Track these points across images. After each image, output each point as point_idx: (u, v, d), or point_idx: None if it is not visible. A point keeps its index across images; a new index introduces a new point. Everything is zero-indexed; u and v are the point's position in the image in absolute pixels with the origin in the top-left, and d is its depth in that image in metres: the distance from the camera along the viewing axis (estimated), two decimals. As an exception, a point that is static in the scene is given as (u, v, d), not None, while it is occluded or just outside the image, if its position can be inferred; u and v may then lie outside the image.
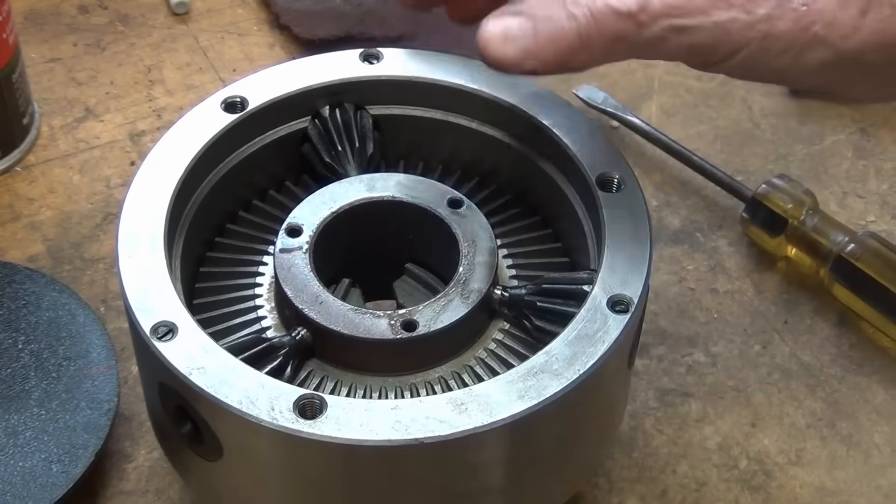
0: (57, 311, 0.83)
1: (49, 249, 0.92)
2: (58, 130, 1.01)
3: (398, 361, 0.69)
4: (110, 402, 0.78)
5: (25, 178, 0.97)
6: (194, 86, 1.04)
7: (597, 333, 0.65)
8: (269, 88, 0.77)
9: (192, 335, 0.65)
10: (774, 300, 0.91)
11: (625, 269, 0.68)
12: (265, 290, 0.74)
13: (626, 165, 0.73)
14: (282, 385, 0.63)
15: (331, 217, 0.73)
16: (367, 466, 0.63)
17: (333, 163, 0.78)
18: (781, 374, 0.86)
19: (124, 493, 0.79)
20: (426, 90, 0.79)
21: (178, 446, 0.69)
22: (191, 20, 1.10)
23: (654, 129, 0.98)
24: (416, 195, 0.75)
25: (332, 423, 0.61)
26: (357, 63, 0.79)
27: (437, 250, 0.74)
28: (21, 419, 0.78)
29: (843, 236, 0.89)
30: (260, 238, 0.77)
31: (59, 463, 0.76)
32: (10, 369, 0.80)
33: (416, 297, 0.73)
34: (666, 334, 0.88)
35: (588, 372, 0.64)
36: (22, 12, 1.08)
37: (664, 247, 0.94)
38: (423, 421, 0.61)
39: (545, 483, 0.68)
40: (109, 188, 0.97)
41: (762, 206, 0.91)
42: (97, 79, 1.05)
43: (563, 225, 0.77)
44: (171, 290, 0.67)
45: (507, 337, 0.72)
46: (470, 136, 0.79)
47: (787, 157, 1.00)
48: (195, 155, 0.73)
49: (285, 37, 1.08)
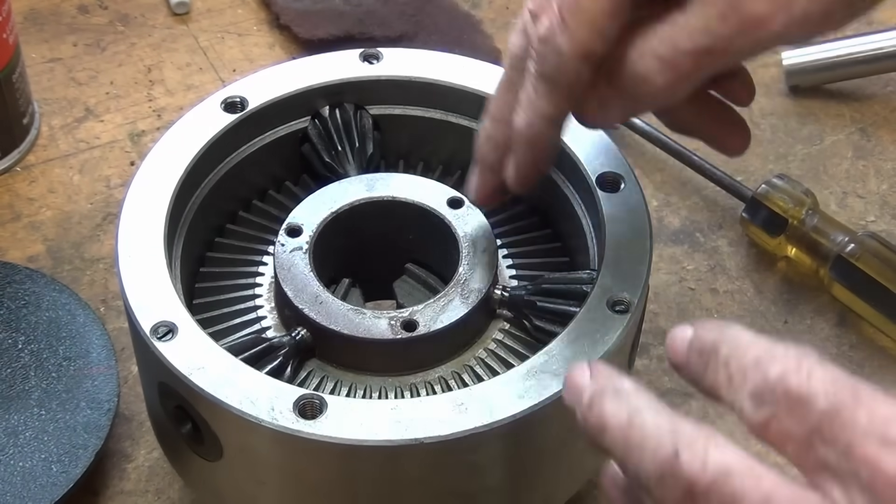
0: (57, 311, 0.83)
1: (49, 249, 0.92)
2: (58, 130, 1.01)
3: (398, 361, 0.69)
4: (110, 402, 0.78)
5: (25, 178, 0.97)
6: (194, 86, 1.04)
7: (597, 333, 0.65)
8: (269, 88, 0.77)
9: (192, 335, 0.65)
10: (774, 300, 0.91)
11: (625, 269, 0.68)
12: (265, 291, 0.74)
13: (626, 165, 0.73)
14: (282, 385, 0.63)
15: (331, 217, 0.73)
16: (367, 466, 0.63)
17: (333, 163, 0.78)
18: (781, 374, 0.86)
19: (124, 493, 0.79)
20: (426, 90, 0.79)
21: (178, 446, 0.69)
22: (191, 20, 1.10)
23: (654, 129, 0.98)
24: (416, 195, 0.75)
25: (332, 423, 0.61)
26: (357, 63, 0.79)
27: (437, 250, 0.74)
28: (21, 419, 0.78)
29: (843, 236, 0.89)
30: (260, 238, 0.77)
31: (59, 463, 0.76)
32: (10, 369, 0.80)
33: (416, 297, 0.73)
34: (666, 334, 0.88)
35: (588, 372, 0.63)
36: (22, 12, 1.08)
37: (664, 247, 0.94)
38: (423, 421, 0.61)
39: (545, 483, 0.68)
40: (109, 188, 0.97)
41: (762, 206, 0.91)
42: (97, 79, 1.05)
43: (563, 225, 0.77)
44: (171, 290, 0.67)
45: (507, 337, 0.72)
46: (470, 136, 0.79)
47: (787, 157, 1.00)
48: (195, 155, 0.74)
49: (285, 37, 1.08)
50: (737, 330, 0.52)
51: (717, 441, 0.48)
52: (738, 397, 0.49)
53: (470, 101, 0.78)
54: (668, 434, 0.49)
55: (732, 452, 0.48)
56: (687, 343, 0.54)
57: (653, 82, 0.60)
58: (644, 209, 0.71)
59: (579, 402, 0.54)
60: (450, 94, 0.78)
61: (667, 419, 0.50)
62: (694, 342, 0.53)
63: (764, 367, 0.49)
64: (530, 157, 0.66)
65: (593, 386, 0.54)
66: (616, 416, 0.52)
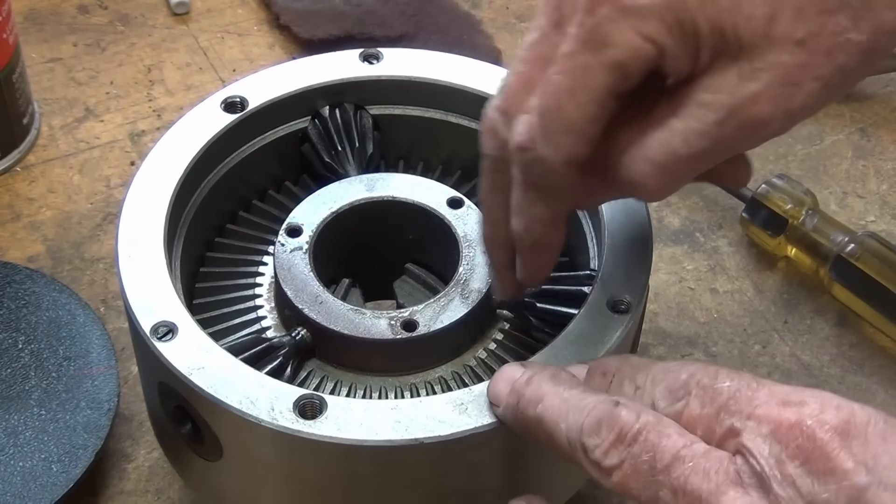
0: (57, 311, 0.83)
1: (49, 249, 0.92)
2: (58, 130, 1.01)
3: (398, 361, 0.69)
4: (110, 402, 0.78)
5: (25, 178, 0.97)
6: (194, 86, 1.04)
7: (597, 333, 0.65)
8: (269, 88, 0.77)
9: (192, 335, 0.65)
10: (774, 300, 0.91)
11: (625, 270, 0.68)
12: (265, 291, 0.74)
13: (626, 165, 0.73)
14: (282, 385, 0.63)
15: (330, 217, 0.73)
16: (367, 466, 0.63)
17: (333, 163, 0.78)
18: (781, 374, 0.86)
19: (124, 493, 0.79)
20: (426, 90, 0.79)
21: (178, 446, 0.69)
22: (191, 20, 1.10)
23: (654, 129, 0.98)
24: (416, 195, 0.75)
25: (332, 423, 0.61)
26: (357, 63, 0.79)
27: (437, 250, 0.74)
28: (21, 419, 0.78)
29: (842, 236, 0.89)
30: (260, 238, 0.77)
31: (59, 463, 0.76)
32: (10, 369, 0.80)
33: (416, 297, 0.73)
34: (666, 334, 0.88)
35: (588, 372, 0.63)
36: (22, 12, 1.08)
37: (664, 247, 0.94)
38: (423, 421, 0.61)
39: (545, 483, 0.68)
40: (109, 188, 0.97)
41: (762, 206, 0.91)
42: (97, 79, 1.05)
43: (563, 225, 0.77)
44: (171, 290, 0.67)
45: (507, 337, 0.72)
46: (470, 136, 0.79)
47: (787, 157, 1.00)
48: (195, 155, 0.73)
49: (285, 37, 1.08)
50: (636, 356, 0.60)
51: (650, 408, 0.55)
52: (649, 397, 0.55)
53: (470, 101, 0.78)
54: (604, 396, 0.56)
55: (663, 417, 0.54)
56: (585, 370, 0.60)
57: (647, 185, 0.58)
58: (644, 209, 0.71)
59: (516, 382, 0.60)
60: (450, 94, 0.78)
61: (600, 392, 0.57)
62: (595, 367, 0.60)
63: (674, 372, 0.55)
64: (538, 258, 0.65)
65: (529, 372, 0.60)
66: (554, 388, 0.58)
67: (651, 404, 0.55)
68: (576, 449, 0.55)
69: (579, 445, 0.55)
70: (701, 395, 0.53)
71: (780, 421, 0.51)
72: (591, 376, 0.60)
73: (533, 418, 0.58)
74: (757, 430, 0.51)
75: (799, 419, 0.50)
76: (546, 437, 0.57)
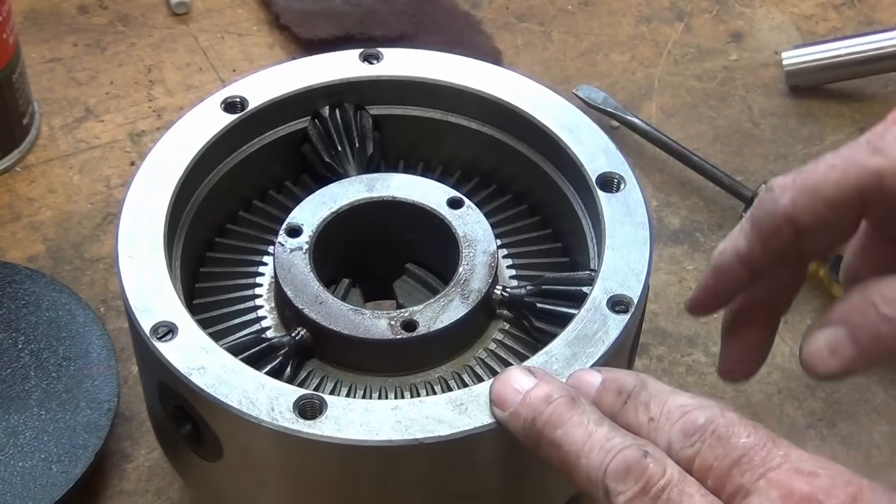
0: (57, 311, 0.83)
1: (49, 249, 0.92)
2: (58, 130, 1.01)
3: (398, 361, 0.69)
4: (110, 402, 0.78)
5: (25, 178, 0.97)
6: (194, 86, 1.04)
7: (597, 333, 0.65)
8: (269, 88, 0.77)
9: (192, 335, 0.65)
10: (774, 300, 0.91)
11: (625, 269, 0.68)
12: (265, 291, 0.74)
13: (626, 165, 0.73)
14: (282, 385, 0.63)
15: (331, 217, 0.73)
16: (366, 467, 0.63)
17: (333, 163, 0.78)
18: (781, 374, 0.86)
19: (124, 493, 0.79)
20: (426, 90, 0.79)
21: (178, 446, 0.69)
22: (191, 20, 1.10)
23: (654, 129, 0.98)
24: (416, 195, 0.75)
25: (332, 424, 0.61)
26: (357, 63, 0.79)
27: (437, 250, 0.74)
28: (21, 419, 0.78)
29: (843, 236, 0.88)
30: (260, 238, 0.77)
31: (59, 463, 0.76)
32: (10, 369, 0.80)
33: (416, 297, 0.73)
34: (666, 334, 0.88)
35: (588, 372, 0.63)
36: (22, 12, 1.08)
37: (664, 247, 0.94)
38: (423, 421, 0.61)
39: (545, 483, 0.68)
40: (109, 188, 0.97)
41: (762, 206, 0.91)
42: (97, 79, 1.05)
43: (563, 225, 0.77)
44: (171, 290, 0.67)
45: (507, 337, 0.72)
46: (470, 136, 0.79)
47: (787, 157, 1.00)
48: (195, 155, 0.73)
49: (285, 37, 1.08)
50: (653, 380, 0.60)
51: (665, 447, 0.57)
52: (664, 435, 0.57)
53: (470, 101, 0.78)
54: (631, 439, 0.57)
55: (687, 476, 0.55)
56: (599, 382, 0.61)
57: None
58: (644, 209, 0.71)
59: (530, 395, 0.60)
60: (450, 94, 0.78)
61: (622, 431, 0.58)
62: (611, 382, 0.61)
63: (691, 413, 0.57)
64: (710, 282, 0.66)
65: (546, 387, 0.60)
66: (579, 418, 0.59)
67: (666, 443, 0.57)
68: (597, 487, 0.56)
69: (601, 486, 0.56)
70: (715, 446, 0.55)
71: (792, 490, 0.53)
72: (605, 390, 0.61)
73: (549, 441, 0.59)
74: (767, 493, 0.53)
75: (811, 491, 0.52)
76: (560, 462, 0.58)
